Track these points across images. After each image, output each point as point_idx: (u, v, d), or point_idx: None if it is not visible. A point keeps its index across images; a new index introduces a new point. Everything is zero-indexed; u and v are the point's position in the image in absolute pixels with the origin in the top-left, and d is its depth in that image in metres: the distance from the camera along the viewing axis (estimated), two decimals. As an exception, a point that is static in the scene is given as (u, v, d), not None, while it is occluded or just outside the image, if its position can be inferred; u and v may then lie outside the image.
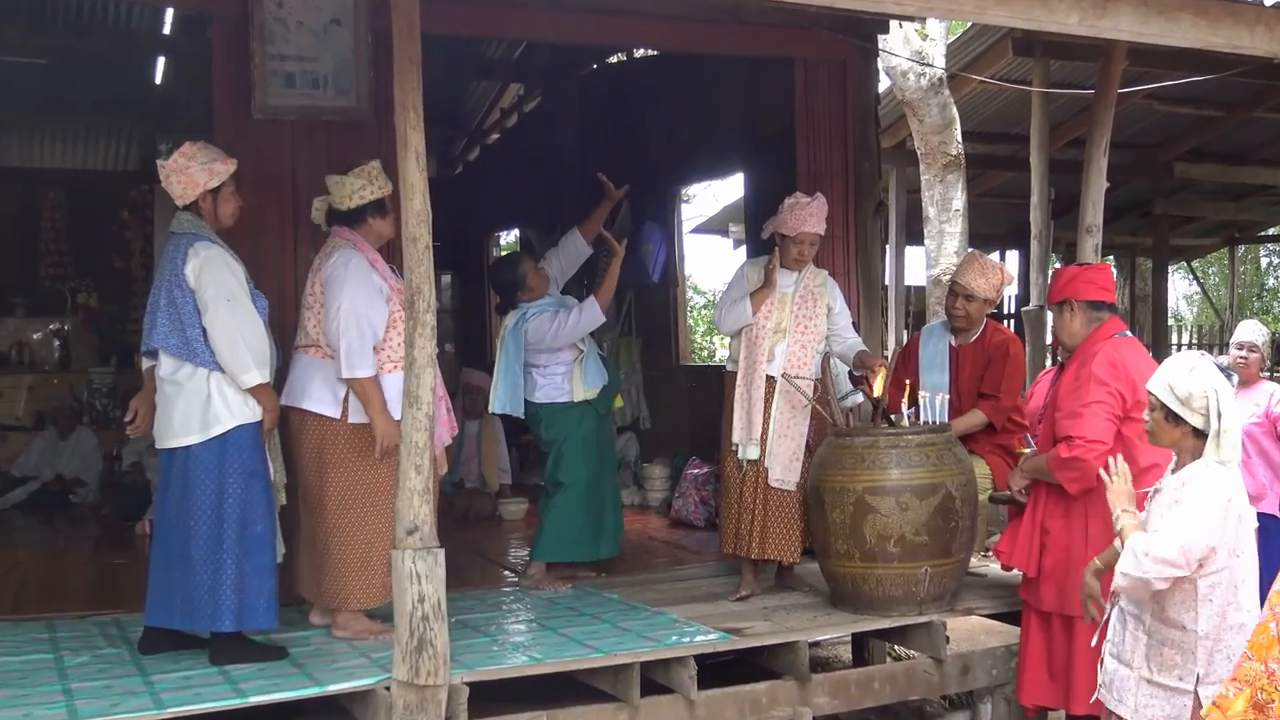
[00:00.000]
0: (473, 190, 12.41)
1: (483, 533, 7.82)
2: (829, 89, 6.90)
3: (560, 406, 5.94)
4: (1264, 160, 13.31)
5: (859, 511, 4.93)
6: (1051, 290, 4.79)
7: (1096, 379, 4.42)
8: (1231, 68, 6.15)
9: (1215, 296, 21.80)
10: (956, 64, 9.57)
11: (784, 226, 5.55)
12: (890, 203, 10.57)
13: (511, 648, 4.70)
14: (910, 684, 5.06)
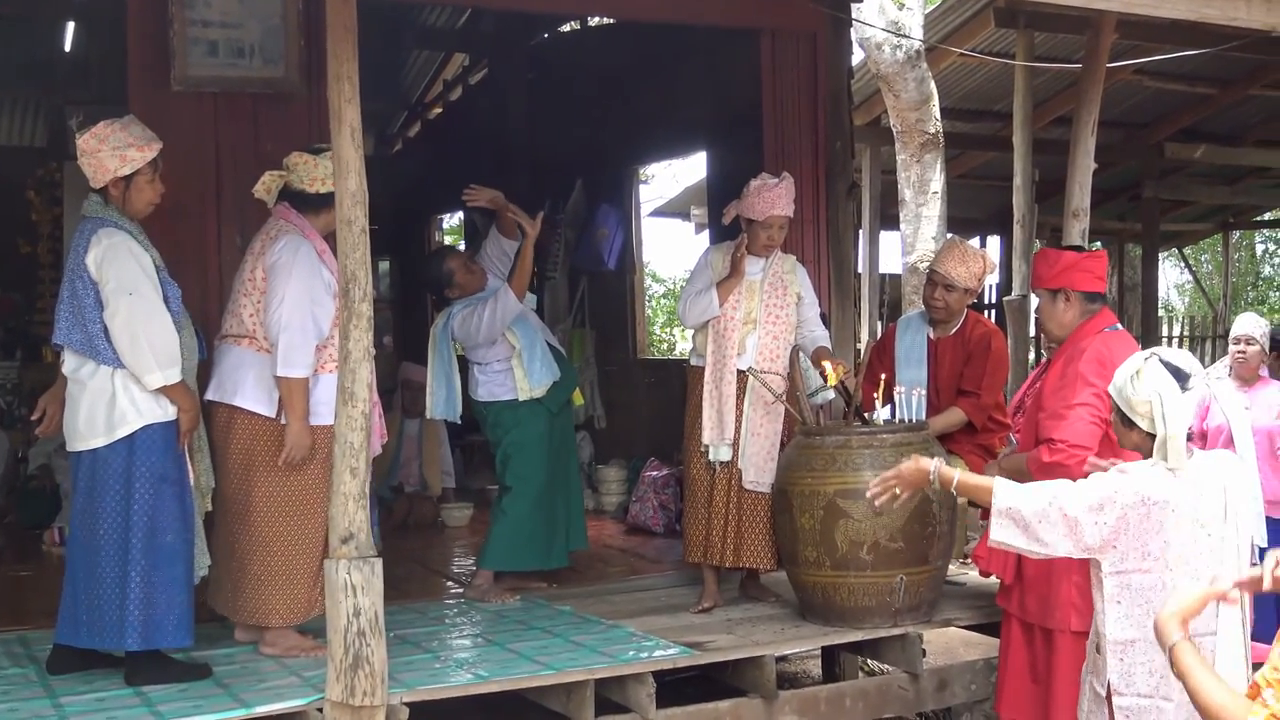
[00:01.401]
0: (413, 169, 12.34)
1: (424, 540, 7.79)
2: (798, 62, 6.91)
3: (504, 405, 5.92)
4: (1259, 141, 13.50)
5: (830, 516, 4.94)
6: (1042, 274, 4.76)
7: (1084, 378, 4.45)
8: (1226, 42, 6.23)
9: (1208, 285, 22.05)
10: (935, 35, 9.62)
11: (751, 210, 5.56)
12: (864, 184, 10.62)
13: (455, 665, 4.68)
14: (884, 701, 5.09)
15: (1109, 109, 6.35)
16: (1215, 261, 22.44)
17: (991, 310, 13.61)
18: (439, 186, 11.67)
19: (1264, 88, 11.97)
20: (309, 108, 5.50)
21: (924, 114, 9.39)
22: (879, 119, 10.75)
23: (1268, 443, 6.53)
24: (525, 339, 5.91)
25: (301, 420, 4.63)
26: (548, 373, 5.94)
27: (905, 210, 9.66)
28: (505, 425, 5.93)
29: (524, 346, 5.89)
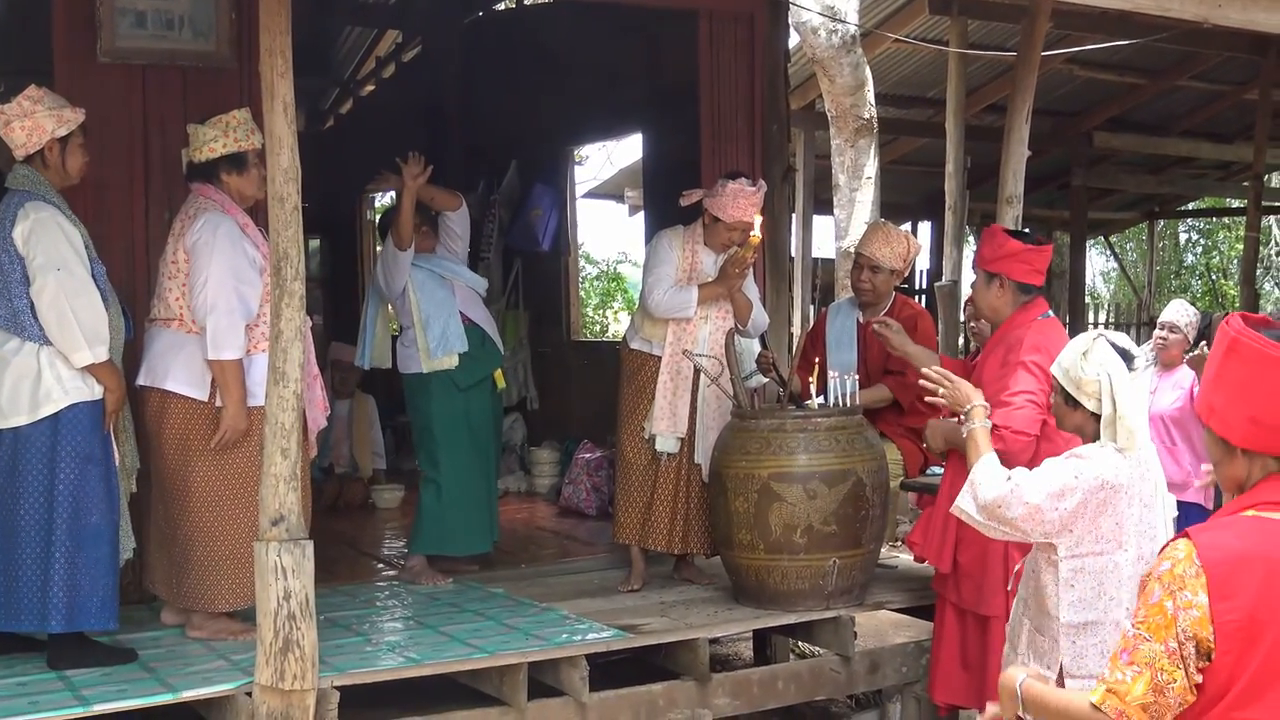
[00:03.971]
0: (345, 146, 12.19)
1: (355, 522, 7.74)
2: (735, 44, 6.89)
3: (416, 380, 5.86)
4: (1185, 132, 13.71)
5: (764, 500, 4.95)
6: (984, 255, 4.80)
7: (1025, 367, 4.50)
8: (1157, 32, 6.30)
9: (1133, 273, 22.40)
10: (870, 21, 9.66)
11: (722, 211, 5.51)
12: (798, 169, 10.65)
13: (386, 648, 4.65)
14: (816, 683, 5.12)
15: (1040, 97, 6.40)
16: (1140, 250, 22.79)
17: (922, 295, 13.73)
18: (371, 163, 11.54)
19: (1192, 79, 12.16)
20: (240, 82, 5.40)
21: (858, 99, 9.42)
22: (814, 104, 10.77)
23: (1164, 428, 6.65)
24: (428, 306, 5.82)
25: (237, 403, 4.55)
26: (453, 343, 5.83)
27: (839, 195, 9.69)
28: (417, 403, 5.89)
29: (425, 314, 5.81)
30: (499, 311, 9.57)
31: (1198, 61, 11.56)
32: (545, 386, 9.78)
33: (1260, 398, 2.41)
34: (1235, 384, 2.46)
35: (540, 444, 8.95)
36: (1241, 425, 2.45)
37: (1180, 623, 2.36)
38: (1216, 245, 23.65)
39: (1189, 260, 24.66)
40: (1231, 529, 2.45)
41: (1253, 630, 2.33)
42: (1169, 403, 6.71)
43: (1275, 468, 2.44)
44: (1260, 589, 2.33)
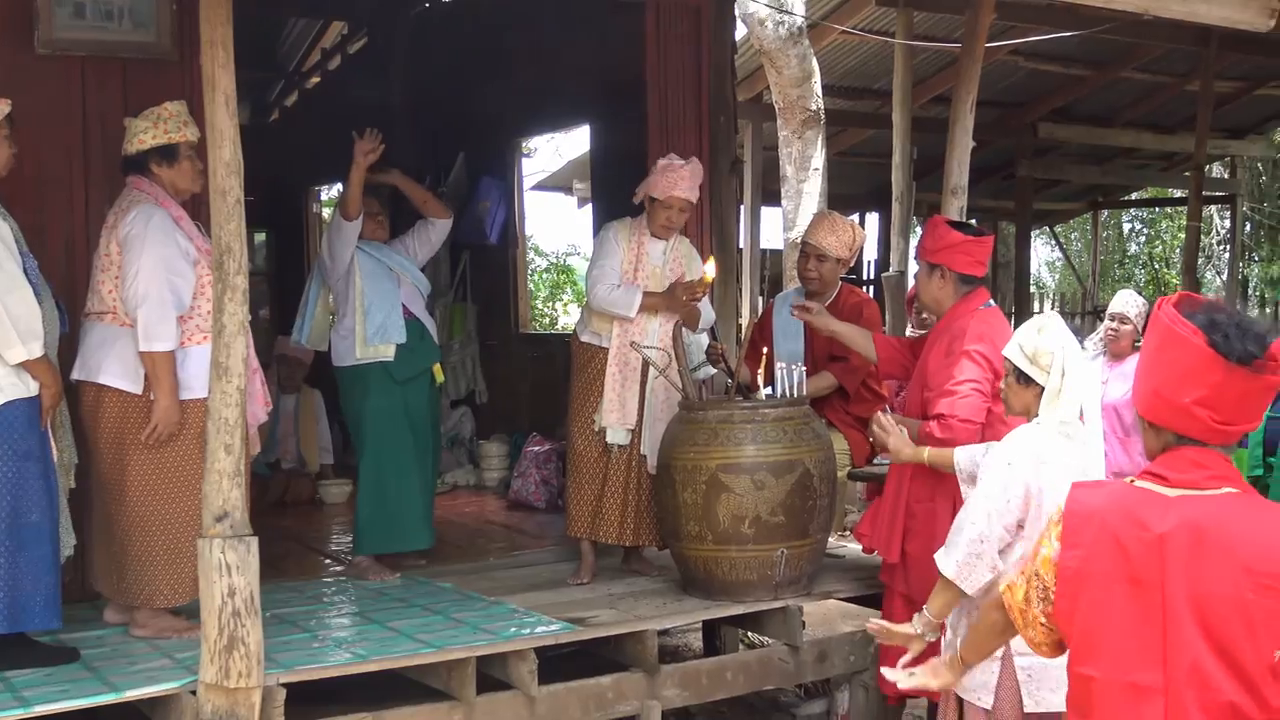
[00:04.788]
0: (291, 140, 12.10)
1: (302, 518, 7.69)
2: (682, 36, 6.90)
3: (349, 373, 5.81)
4: (1128, 123, 13.86)
5: (712, 491, 4.96)
6: (927, 246, 4.83)
7: (969, 356, 4.53)
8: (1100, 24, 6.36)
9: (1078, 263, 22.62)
10: (817, 12, 9.69)
11: (654, 188, 5.53)
12: (746, 160, 10.68)
13: (333, 644, 4.61)
14: (765, 673, 5.14)
15: (985, 89, 6.45)
16: (1085, 239, 23.02)
17: (870, 286, 13.80)
18: (317, 157, 11.47)
19: (1135, 71, 12.28)
20: (182, 74, 5.34)
21: (805, 91, 9.45)
22: (761, 95, 10.80)
23: (1115, 417, 6.72)
24: (372, 293, 5.80)
25: (169, 395, 4.51)
26: (392, 334, 5.80)
27: (787, 186, 9.73)
28: (356, 397, 5.83)
29: (369, 300, 5.78)
30: (447, 305, 9.54)
31: (1140, 53, 11.69)
32: (494, 380, 9.76)
33: (1162, 370, 2.51)
34: (1147, 357, 2.58)
35: (489, 437, 8.93)
36: (1147, 397, 2.56)
37: (1038, 557, 2.59)
38: (1159, 235, 23.93)
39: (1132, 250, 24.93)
40: (1104, 489, 2.63)
41: (1080, 581, 2.48)
42: (1120, 393, 6.77)
43: (1173, 443, 2.53)
44: (1093, 543, 2.47)
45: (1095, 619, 2.48)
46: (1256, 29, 5.40)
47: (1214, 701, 2.39)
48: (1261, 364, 2.43)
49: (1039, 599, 2.58)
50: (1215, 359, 2.42)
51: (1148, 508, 2.47)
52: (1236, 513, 2.43)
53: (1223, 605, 2.38)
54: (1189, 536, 2.41)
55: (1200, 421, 2.47)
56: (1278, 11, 5.29)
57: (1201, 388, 2.45)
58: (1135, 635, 2.44)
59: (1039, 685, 3.65)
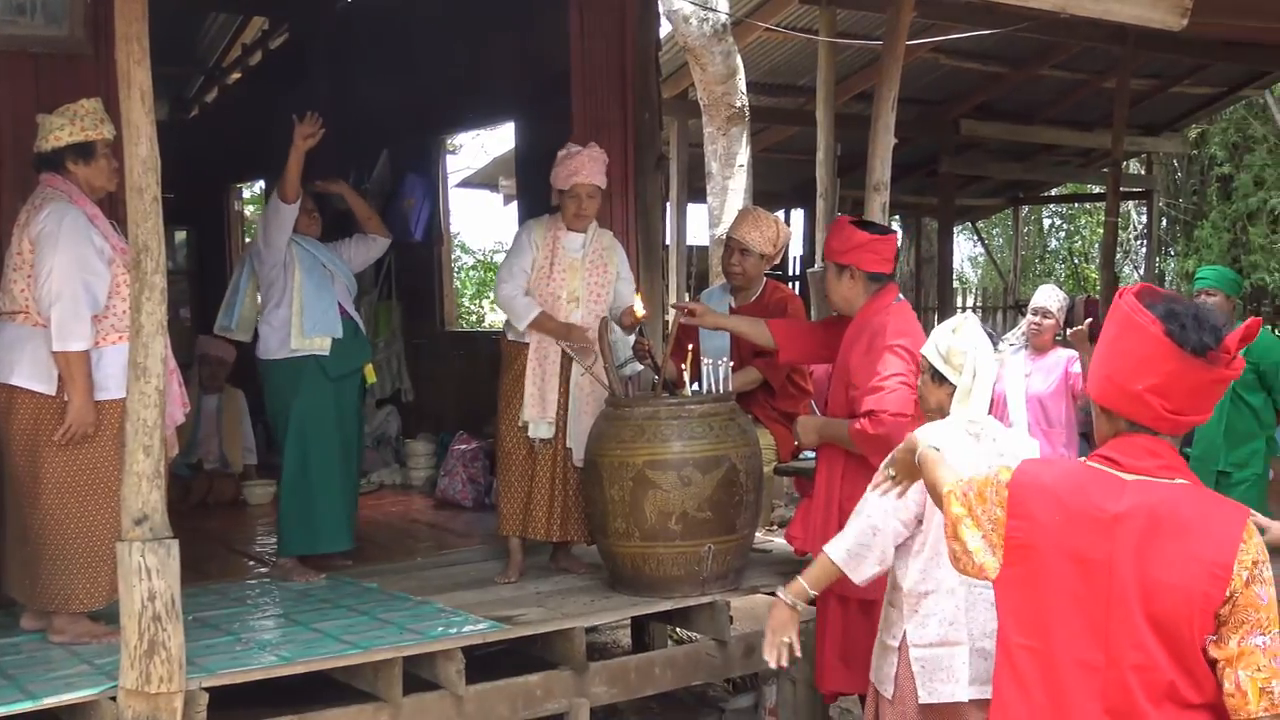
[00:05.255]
0: (211, 137, 11.94)
1: (225, 519, 7.59)
2: (607, 32, 6.89)
3: (279, 366, 5.74)
4: (1048, 120, 14.07)
5: (639, 487, 4.97)
6: (834, 248, 4.85)
7: (893, 351, 4.56)
8: (1018, 22, 6.44)
9: (1000, 258, 22.90)
10: (741, 10, 9.74)
11: (557, 180, 5.53)
12: (672, 157, 10.71)
13: (257, 647, 4.56)
14: (693, 668, 5.15)
15: (908, 86, 6.51)
16: (1006, 235, 23.32)
17: (795, 282, 13.88)
18: (239, 154, 11.34)
19: (1053, 68, 12.47)
20: (97, 69, 5.24)
21: (730, 88, 9.49)
22: (686, 92, 10.83)
23: (1040, 409, 6.84)
24: (310, 285, 5.75)
25: (83, 395, 4.43)
26: (330, 326, 5.76)
27: (712, 183, 9.77)
28: (285, 394, 5.75)
29: (306, 291, 5.73)
30: (372, 302, 9.47)
31: (1059, 51, 11.87)
32: (420, 378, 9.69)
33: (1118, 357, 2.58)
34: (1105, 343, 2.64)
35: (415, 436, 8.87)
36: (1101, 382, 2.62)
37: (990, 510, 2.64)
38: (1079, 230, 24.31)
39: (1053, 245, 25.31)
40: (1056, 465, 2.72)
41: (1026, 552, 2.56)
42: (1045, 386, 6.88)
43: (1125, 429, 2.60)
44: (1042, 517, 2.55)
45: (1039, 592, 2.54)
46: (1169, 27, 5.49)
47: (1155, 681, 2.46)
48: (1215, 355, 2.50)
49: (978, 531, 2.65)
50: (1171, 348, 2.49)
51: (1102, 488, 2.54)
52: (1188, 503, 2.51)
53: (1171, 592, 2.45)
54: (1142, 521, 2.48)
55: (1152, 409, 2.54)
56: (1189, 10, 5.38)
57: (1155, 375, 2.52)
58: (1079, 612, 2.50)
59: (931, 676, 3.70)
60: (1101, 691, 2.49)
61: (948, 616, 3.70)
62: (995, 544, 2.62)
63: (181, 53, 12.20)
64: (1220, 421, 6.55)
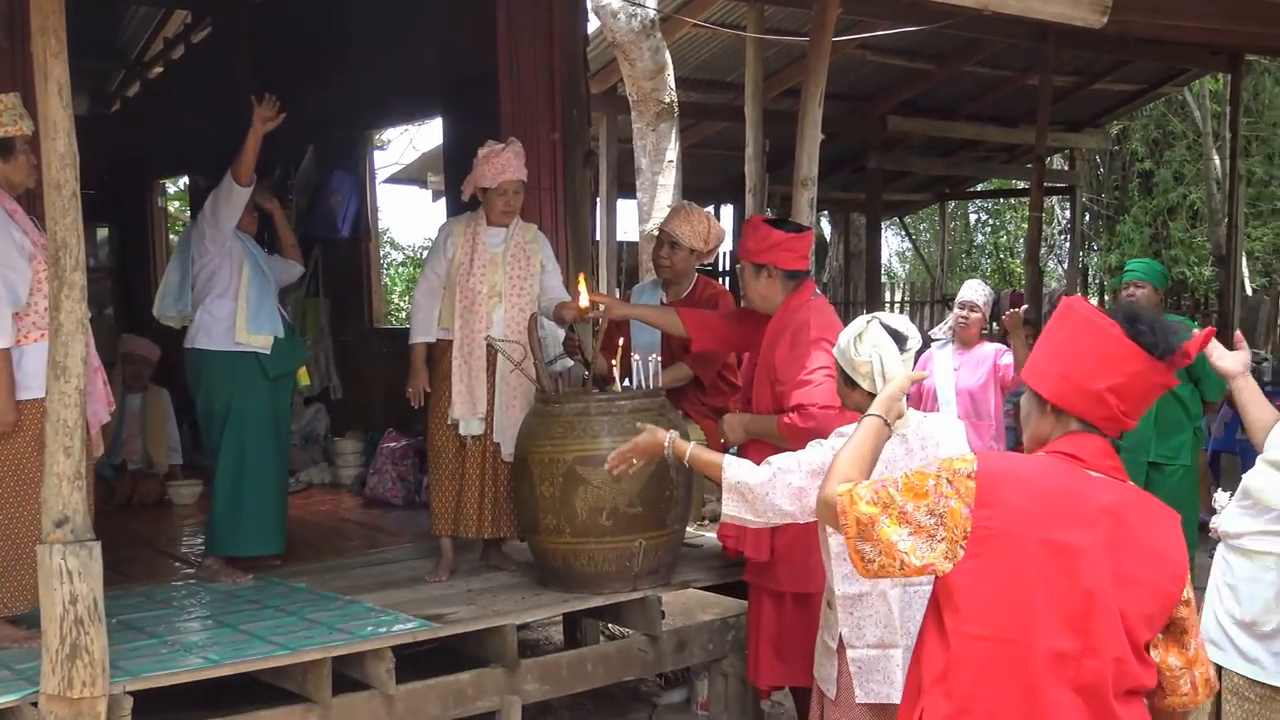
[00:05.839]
0: (133, 131, 11.76)
1: (150, 521, 7.48)
2: (534, 27, 6.87)
3: (215, 359, 5.65)
4: (973, 116, 14.22)
5: (569, 483, 4.96)
6: (750, 248, 4.88)
7: (817, 345, 4.59)
8: (943, 19, 6.50)
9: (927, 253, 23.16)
10: (669, 5, 9.74)
11: (483, 178, 5.50)
12: (601, 152, 10.68)
13: (183, 649, 4.50)
14: (625, 664, 5.16)
15: (835, 82, 6.56)
16: (933, 230, 23.59)
17: (725, 278, 13.93)
18: (161, 149, 11.19)
19: (978, 65, 12.61)
20: (13, 63, 5.14)
21: (659, 83, 9.48)
22: (615, 87, 10.81)
23: (970, 402, 6.92)
24: (255, 279, 5.71)
25: (4, 394, 4.34)
26: (270, 325, 5.72)
27: (642, 178, 9.75)
28: (221, 388, 5.66)
29: (251, 286, 5.68)
30: (298, 300, 9.37)
31: (983, 48, 12.00)
32: (348, 375, 9.62)
33: (1075, 356, 2.64)
34: (1058, 343, 2.70)
35: (344, 434, 8.80)
36: (1054, 381, 2.67)
37: (934, 500, 2.60)
38: (1004, 225, 24.63)
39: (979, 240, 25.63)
40: (1017, 457, 2.73)
41: (999, 541, 2.55)
42: (973, 379, 6.96)
43: (1075, 428, 2.66)
44: (1016, 504, 2.55)
45: (1013, 581, 2.54)
46: (1090, 25, 5.57)
47: (1125, 672, 2.53)
48: (1175, 359, 2.61)
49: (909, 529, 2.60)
50: (1135, 350, 2.59)
51: (1082, 482, 2.59)
52: (1147, 505, 2.62)
53: (1144, 586, 2.54)
54: (1120, 516, 2.56)
55: (1108, 408, 2.62)
56: (1109, 8, 5.46)
57: (1118, 376, 2.60)
58: (1055, 602, 2.53)
59: (868, 677, 3.72)
60: (1074, 680, 2.52)
61: (882, 619, 3.72)
62: (944, 537, 2.58)
63: (102, 46, 12.01)
64: (1150, 413, 6.65)
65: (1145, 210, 19.26)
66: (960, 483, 2.59)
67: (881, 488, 2.67)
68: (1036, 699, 2.52)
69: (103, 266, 12.14)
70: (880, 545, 2.63)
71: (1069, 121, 14.87)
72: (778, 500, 3.60)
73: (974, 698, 2.56)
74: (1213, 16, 6.90)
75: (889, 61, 12.05)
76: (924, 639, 2.72)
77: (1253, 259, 18.35)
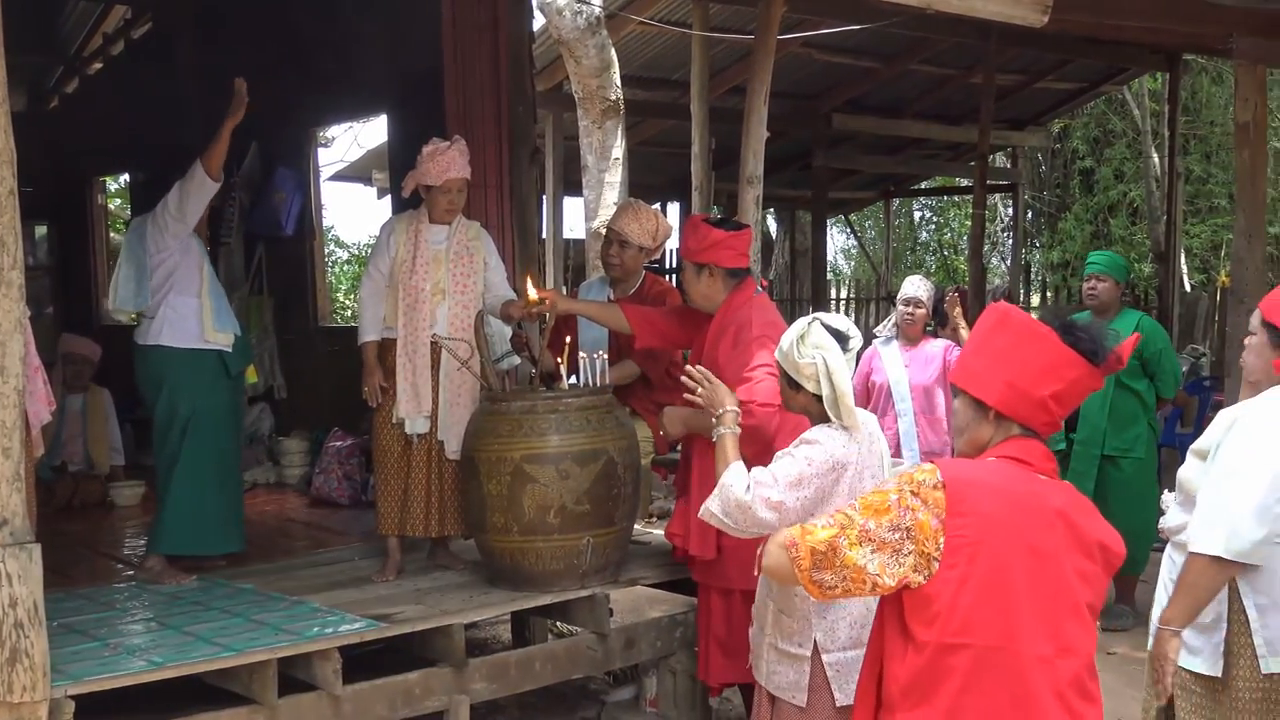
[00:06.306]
0: (73, 128, 11.60)
1: (91, 522, 7.38)
2: (480, 24, 6.85)
3: (181, 356, 5.59)
4: (917, 114, 14.33)
5: (517, 482, 4.94)
6: (690, 248, 4.89)
7: (760, 343, 4.60)
8: (887, 18, 6.53)
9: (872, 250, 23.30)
10: (615, 3, 9.74)
11: (427, 176, 5.47)
12: (547, 150, 10.68)
13: (126, 652, 4.44)
14: (573, 662, 5.16)
15: (780, 80, 6.58)
16: (878, 227, 23.73)
17: (673, 275, 13.94)
18: (102, 146, 11.04)
19: (922, 63, 12.70)
20: (-52, 59, 5.05)
21: (605, 81, 9.49)
22: (561, 85, 10.81)
23: (924, 398, 6.98)
24: (213, 280, 5.72)
25: None
26: (230, 322, 5.71)
27: (588, 176, 9.76)
28: (189, 389, 5.59)
29: (213, 285, 5.67)
30: (242, 298, 9.29)
31: (927, 46, 12.09)
32: (293, 374, 9.54)
33: (1018, 364, 2.69)
34: (999, 351, 2.74)
35: (289, 434, 8.73)
36: (999, 388, 2.71)
37: (897, 515, 2.60)
38: (948, 222, 24.85)
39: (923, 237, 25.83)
40: (975, 464, 2.74)
41: (976, 548, 2.56)
42: (925, 375, 7.01)
43: (1016, 433, 2.72)
44: (989, 511, 2.57)
45: (996, 588, 2.56)
46: (1031, 24, 5.62)
47: (1091, 669, 2.61)
48: (1111, 363, 2.69)
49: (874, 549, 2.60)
50: (1074, 357, 2.66)
51: (1038, 486, 2.64)
52: (1082, 501, 2.68)
53: (1093, 580, 2.62)
54: (1070, 516, 2.62)
55: (1050, 413, 2.69)
56: (1050, 7, 5.51)
57: (1059, 382, 2.67)
58: (1035, 605, 2.56)
59: (847, 679, 3.70)
60: (1053, 683, 2.55)
61: (857, 619, 3.71)
62: (912, 550, 2.59)
63: (40, 41, 11.83)
64: (1104, 407, 6.74)
65: (1086, 208, 19.49)
66: (927, 494, 2.60)
67: (838, 511, 2.70)
68: (1025, 705, 2.54)
69: (42, 265, 11.99)
70: (844, 571, 2.63)
71: (1012, 120, 15.02)
72: (759, 513, 3.60)
73: (960, 707, 2.57)
74: (1152, 16, 6.98)
75: (834, 60, 12.11)
76: (888, 650, 2.71)
77: (1191, 256, 18.60)
